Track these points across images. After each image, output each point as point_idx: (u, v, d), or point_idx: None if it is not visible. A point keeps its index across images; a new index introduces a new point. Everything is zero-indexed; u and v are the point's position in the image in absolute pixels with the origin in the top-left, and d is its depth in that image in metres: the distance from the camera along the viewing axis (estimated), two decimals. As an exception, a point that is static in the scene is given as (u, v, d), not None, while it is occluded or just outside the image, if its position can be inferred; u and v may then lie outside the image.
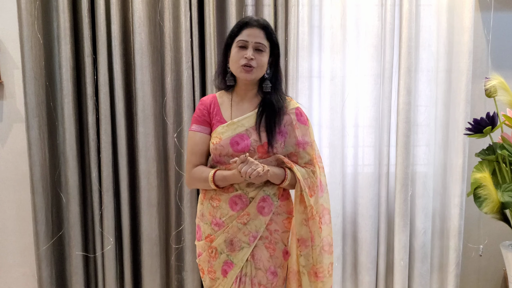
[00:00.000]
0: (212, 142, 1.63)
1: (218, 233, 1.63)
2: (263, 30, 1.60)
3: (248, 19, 1.62)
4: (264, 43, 1.60)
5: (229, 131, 1.61)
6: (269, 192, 1.63)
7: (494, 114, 2.01)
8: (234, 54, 1.59)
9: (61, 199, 2.39)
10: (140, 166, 2.35)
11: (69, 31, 2.25)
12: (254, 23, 1.59)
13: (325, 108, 2.47)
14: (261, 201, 1.61)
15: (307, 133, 1.68)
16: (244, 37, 1.58)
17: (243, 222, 1.60)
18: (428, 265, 2.58)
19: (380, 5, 2.41)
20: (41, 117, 2.29)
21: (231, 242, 1.61)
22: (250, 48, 1.57)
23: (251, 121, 1.63)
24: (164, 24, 2.35)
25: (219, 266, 1.64)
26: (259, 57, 1.58)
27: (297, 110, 1.68)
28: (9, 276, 2.52)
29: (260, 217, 1.61)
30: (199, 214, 1.71)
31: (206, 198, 1.68)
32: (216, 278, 1.66)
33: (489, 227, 2.65)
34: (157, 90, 2.36)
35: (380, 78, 2.46)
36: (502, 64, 2.57)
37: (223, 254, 1.63)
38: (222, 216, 1.62)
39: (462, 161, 2.44)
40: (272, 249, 1.65)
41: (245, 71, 1.58)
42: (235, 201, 1.61)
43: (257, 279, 1.63)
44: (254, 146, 1.60)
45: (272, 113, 1.61)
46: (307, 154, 1.67)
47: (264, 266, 1.64)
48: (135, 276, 2.47)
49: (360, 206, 2.52)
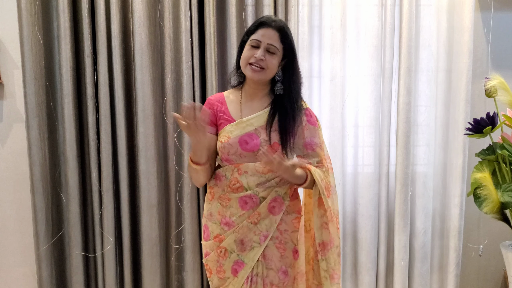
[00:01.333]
0: (220, 141, 1.61)
1: (228, 233, 1.61)
2: (278, 32, 1.56)
3: (265, 18, 1.59)
4: (277, 46, 1.56)
5: (237, 129, 1.60)
6: (281, 192, 1.61)
7: (494, 114, 2.01)
8: (245, 52, 1.58)
9: (61, 199, 2.39)
10: (140, 166, 2.35)
11: (69, 31, 2.25)
12: (271, 24, 1.56)
13: (325, 108, 2.48)
14: (273, 201, 1.60)
15: (315, 134, 1.65)
16: (258, 36, 1.56)
17: (254, 222, 1.59)
18: (428, 265, 2.58)
19: (380, 5, 2.41)
20: (41, 117, 2.29)
21: (242, 242, 1.60)
22: (262, 48, 1.55)
23: (261, 120, 1.61)
24: (164, 24, 2.35)
25: (229, 266, 1.62)
26: (269, 59, 1.56)
27: (307, 111, 1.66)
28: (9, 276, 2.52)
29: (270, 216, 1.60)
30: (207, 213, 1.69)
31: (214, 197, 1.66)
32: (226, 277, 1.64)
33: (489, 227, 2.65)
34: (157, 90, 2.36)
35: (380, 78, 2.46)
36: (502, 64, 2.57)
37: (233, 253, 1.61)
38: (232, 215, 1.60)
39: (462, 161, 2.44)
40: (283, 249, 1.64)
41: (252, 70, 1.56)
42: (246, 200, 1.59)
43: (269, 279, 1.62)
44: (264, 146, 1.58)
45: (285, 117, 1.59)
46: (316, 155, 1.64)
47: (275, 266, 1.63)
48: (135, 276, 2.47)
49: (360, 206, 2.52)
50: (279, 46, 1.57)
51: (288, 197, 1.63)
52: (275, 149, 1.58)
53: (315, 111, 2.48)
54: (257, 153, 1.50)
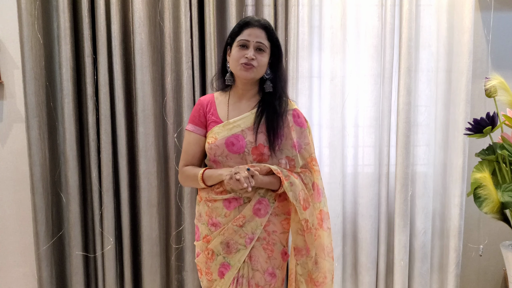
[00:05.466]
0: (208, 142, 1.63)
1: (214, 234, 1.63)
2: (264, 30, 1.60)
3: (249, 18, 1.62)
4: (265, 43, 1.59)
5: (224, 131, 1.61)
6: (265, 194, 1.62)
7: (494, 114, 2.01)
8: (235, 53, 1.59)
9: (61, 199, 2.39)
10: (140, 166, 2.35)
11: (69, 31, 2.25)
12: (256, 23, 1.59)
13: (325, 108, 2.47)
14: (257, 204, 1.60)
15: (302, 136, 1.66)
16: (245, 36, 1.58)
17: (239, 225, 1.59)
18: (428, 265, 2.58)
19: (380, 5, 2.41)
20: (41, 117, 2.29)
21: (228, 245, 1.61)
22: (251, 47, 1.57)
23: (248, 121, 1.62)
24: (164, 24, 2.35)
25: (216, 268, 1.64)
26: (259, 57, 1.58)
27: (294, 111, 1.67)
28: (9, 276, 2.52)
29: (256, 219, 1.60)
30: (197, 214, 1.72)
31: (202, 199, 1.68)
32: (213, 279, 1.66)
33: (489, 227, 2.65)
34: (157, 90, 2.36)
35: (380, 78, 2.46)
36: (502, 64, 2.56)
37: (219, 256, 1.63)
38: (218, 215, 1.62)
39: (462, 161, 2.44)
40: (270, 250, 1.64)
41: (245, 69, 1.57)
42: (230, 200, 1.61)
43: (254, 280, 1.62)
44: (249, 148, 1.60)
45: (272, 115, 1.60)
46: (302, 158, 1.65)
47: (262, 267, 1.63)
48: (135, 276, 2.47)
49: (360, 206, 2.52)
50: (267, 43, 1.60)
51: (273, 199, 1.63)
52: (260, 151, 1.60)
53: (315, 111, 2.49)
54: (227, 181, 1.51)
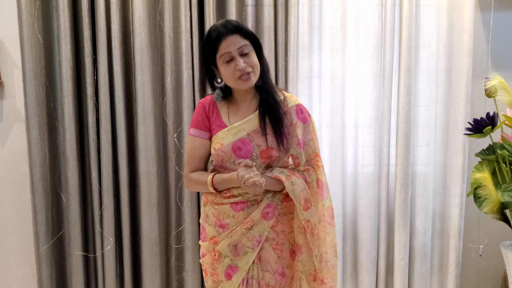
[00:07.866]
0: (214, 148, 1.61)
1: (222, 236, 1.62)
2: (237, 33, 1.52)
3: (218, 29, 1.52)
4: (245, 44, 1.53)
5: (230, 136, 1.58)
6: (273, 198, 1.62)
7: (494, 114, 2.00)
8: (225, 71, 1.54)
9: (61, 199, 2.39)
10: (140, 166, 2.35)
11: (69, 31, 2.25)
12: (226, 31, 1.52)
13: (325, 108, 2.47)
14: (266, 207, 1.60)
15: (306, 131, 1.64)
16: (225, 49, 1.51)
17: (247, 227, 1.59)
18: (428, 265, 2.58)
19: (380, 5, 2.41)
20: (41, 117, 2.29)
21: (235, 247, 1.60)
22: (237, 57, 1.51)
23: (252, 124, 1.60)
24: (164, 24, 2.35)
25: (222, 270, 1.63)
26: (249, 60, 1.53)
27: (297, 107, 1.65)
28: (9, 276, 2.52)
29: (263, 222, 1.60)
30: (203, 215, 1.70)
31: (208, 202, 1.67)
32: (220, 281, 1.64)
33: (489, 227, 2.65)
34: (157, 90, 2.36)
35: (380, 78, 2.46)
36: (502, 64, 2.56)
37: (227, 258, 1.61)
38: (226, 217, 1.61)
39: (462, 161, 2.44)
40: (280, 250, 1.64)
41: (243, 81, 1.53)
42: (237, 203, 1.60)
43: (264, 281, 1.62)
44: (257, 152, 1.58)
45: (273, 113, 1.58)
46: (305, 155, 1.65)
47: (272, 268, 1.62)
48: (135, 276, 2.47)
49: (360, 206, 2.52)
50: (246, 42, 1.54)
51: (281, 201, 1.63)
52: (269, 153, 1.59)
53: (315, 111, 2.49)
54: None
